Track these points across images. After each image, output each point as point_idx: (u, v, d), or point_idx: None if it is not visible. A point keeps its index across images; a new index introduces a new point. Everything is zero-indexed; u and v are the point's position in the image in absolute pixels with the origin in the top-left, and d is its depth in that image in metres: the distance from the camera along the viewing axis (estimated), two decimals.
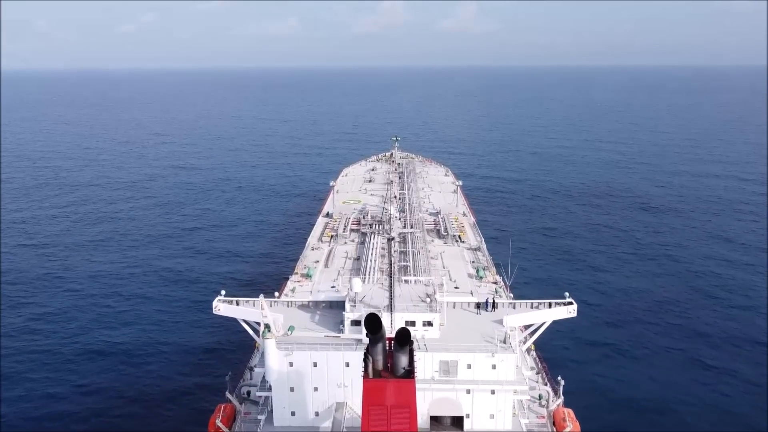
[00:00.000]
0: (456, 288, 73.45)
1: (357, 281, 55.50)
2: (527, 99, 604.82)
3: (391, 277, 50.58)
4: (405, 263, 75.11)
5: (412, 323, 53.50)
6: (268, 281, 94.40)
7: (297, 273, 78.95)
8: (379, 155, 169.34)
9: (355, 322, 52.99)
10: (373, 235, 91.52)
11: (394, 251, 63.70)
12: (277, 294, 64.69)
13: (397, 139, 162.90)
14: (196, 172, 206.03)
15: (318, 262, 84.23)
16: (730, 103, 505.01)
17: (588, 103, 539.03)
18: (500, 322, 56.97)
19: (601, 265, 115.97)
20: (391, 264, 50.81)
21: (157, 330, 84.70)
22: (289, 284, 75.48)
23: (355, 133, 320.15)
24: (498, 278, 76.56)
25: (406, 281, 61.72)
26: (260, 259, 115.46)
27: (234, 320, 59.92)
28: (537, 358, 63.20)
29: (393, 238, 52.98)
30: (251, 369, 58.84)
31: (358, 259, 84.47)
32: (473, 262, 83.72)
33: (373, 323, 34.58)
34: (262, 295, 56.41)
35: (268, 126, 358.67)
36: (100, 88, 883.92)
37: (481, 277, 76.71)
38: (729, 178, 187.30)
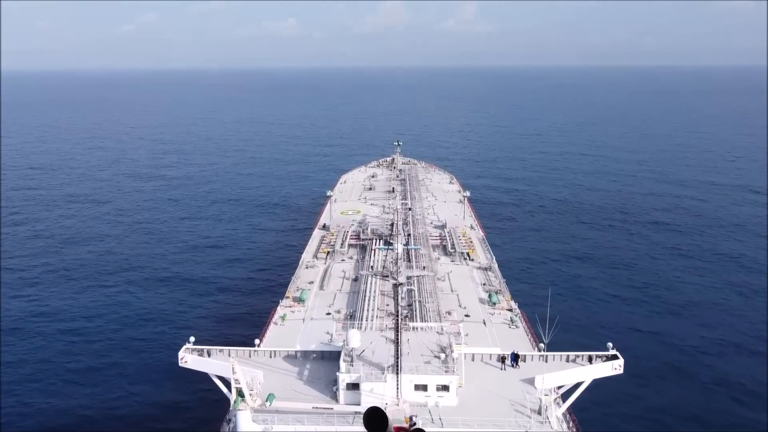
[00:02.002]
0: (467, 316, 65.71)
1: (354, 334, 45.53)
2: (530, 101, 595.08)
3: (397, 331, 41.27)
4: (410, 287, 67.07)
5: (424, 387, 43.44)
6: (255, 311, 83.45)
7: (288, 297, 71.08)
8: (380, 161, 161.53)
9: (352, 386, 43.61)
10: (373, 252, 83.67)
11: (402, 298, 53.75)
12: (257, 342, 54.43)
13: (398, 144, 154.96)
14: (182, 182, 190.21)
15: (312, 282, 76.29)
16: (733, 105, 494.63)
17: (595, 105, 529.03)
18: (530, 381, 46.97)
19: (626, 294, 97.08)
20: (397, 315, 41.48)
21: (122, 380, 69.86)
22: (279, 310, 67.67)
23: (355, 137, 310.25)
24: (513, 305, 68.61)
25: (413, 328, 51.25)
26: (247, 283, 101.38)
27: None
28: (566, 416, 51.00)
29: (401, 284, 42.91)
30: (228, 421, 50.23)
31: (356, 279, 76.58)
32: (484, 284, 75.73)
33: (375, 422, 25.68)
34: (233, 355, 47.34)
35: (264, 129, 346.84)
36: (97, 90, 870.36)
37: (494, 303, 68.84)
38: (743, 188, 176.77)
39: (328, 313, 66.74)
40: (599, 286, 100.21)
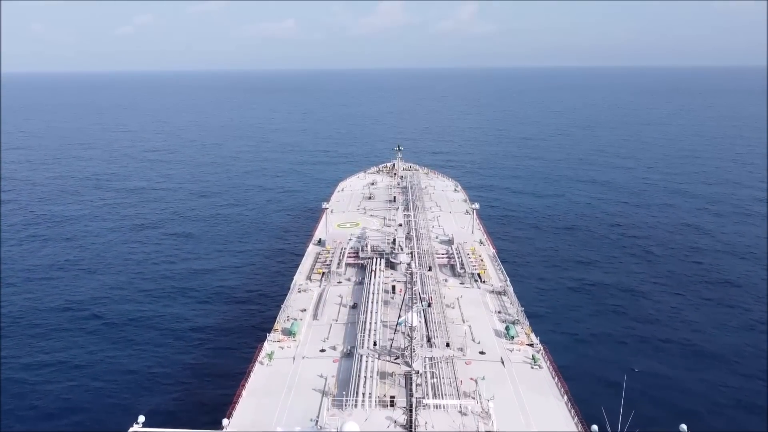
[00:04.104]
0: (482, 353, 57.09)
1: (351, 429, 35.37)
2: (530, 102, 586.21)
3: (410, 430, 31.60)
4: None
5: None
6: (239, 350, 72.96)
7: (277, 329, 62.29)
8: (380, 166, 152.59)
9: None
10: (373, 274, 74.81)
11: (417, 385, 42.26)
12: (226, 423, 43.86)
13: (399, 149, 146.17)
14: (165, 193, 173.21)
15: (305, 311, 67.56)
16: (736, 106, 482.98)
17: (596, 108, 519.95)
18: None
19: (653, 333, 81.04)
20: (411, 410, 31.85)
21: None
22: (267, 346, 58.88)
23: (353, 141, 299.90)
24: (534, 339, 59.82)
25: (426, 405, 40.05)
26: (232, 312, 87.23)
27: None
28: None
29: (418, 372, 32.48)
30: None
31: (354, 307, 67.86)
32: (499, 312, 66.95)
33: None
34: None
35: (258, 133, 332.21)
36: (90, 94, 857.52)
37: (513, 337, 60.09)
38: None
39: (323, 350, 58.16)
40: (621, 319, 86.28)
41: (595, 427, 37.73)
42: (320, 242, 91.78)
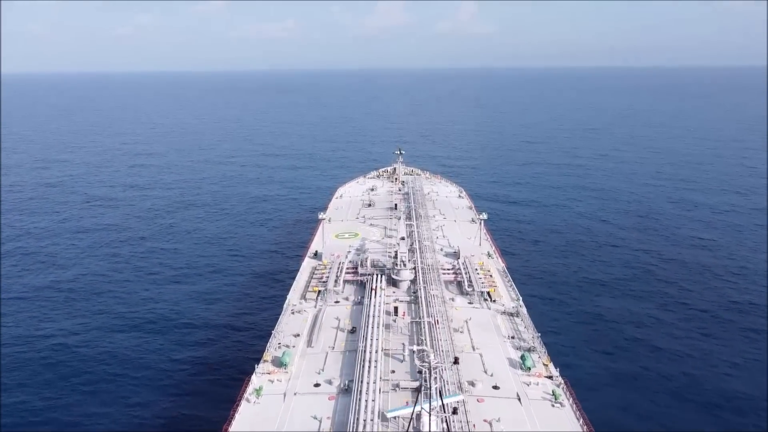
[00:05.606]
0: (495, 388, 50.87)
1: None
2: (532, 104, 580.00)
3: None
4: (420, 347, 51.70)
5: None
6: (222, 391, 64.70)
7: (267, 360, 55.96)
8: (380, 170, 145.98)
9: None
10: (373, 293, 68.53)
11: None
12: None
13: (401, 153, 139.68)
14: (153, 202, 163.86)
15: (298, 336, 61.31)
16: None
17: (596, 108, 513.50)
18: None
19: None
20: None
21: None
22: (255, 380, 52.68)
23: (352, 144, 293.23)
24: (553, 370, 53.45)
25: None
26: (216, 341, 79.00)
27: None
28: None
29: None
30: None
31: (353, 331, 61.64)
32: (513, 337, 60.62)
33: None
34: None
35: (253, 136, 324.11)
36: (90, 94, 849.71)
37: (529, 368, 53.80)
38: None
39: (317, 384, 51.91)
40: (641, 348, 79.30)
41: None
42: (316, 255, 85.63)
